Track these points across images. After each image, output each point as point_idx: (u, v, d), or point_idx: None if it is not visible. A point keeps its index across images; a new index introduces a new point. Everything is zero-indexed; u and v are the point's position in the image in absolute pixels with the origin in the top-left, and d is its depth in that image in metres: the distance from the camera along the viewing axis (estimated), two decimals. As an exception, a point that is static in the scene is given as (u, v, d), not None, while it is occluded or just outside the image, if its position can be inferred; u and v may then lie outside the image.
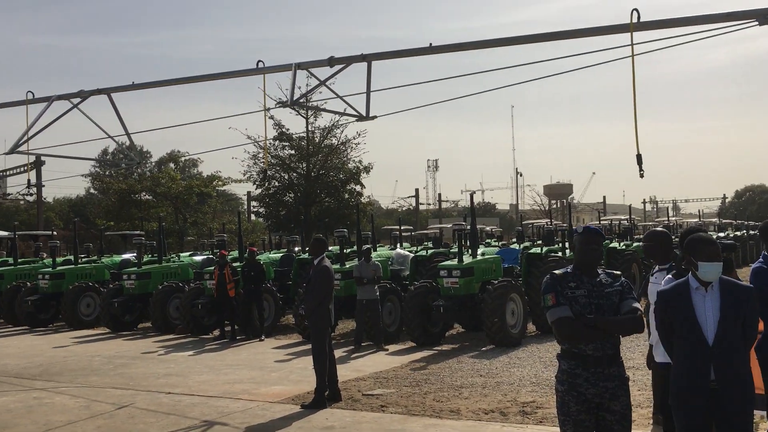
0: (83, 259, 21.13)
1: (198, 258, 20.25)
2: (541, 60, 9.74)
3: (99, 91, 11.64)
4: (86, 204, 61.15)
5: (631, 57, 7.71)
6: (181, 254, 21.84)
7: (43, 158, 37.98)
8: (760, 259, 5.39)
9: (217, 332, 15.66)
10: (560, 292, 4.25)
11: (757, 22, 7.95)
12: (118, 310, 16.95)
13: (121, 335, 16.52)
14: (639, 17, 7.76)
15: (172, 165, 49.42)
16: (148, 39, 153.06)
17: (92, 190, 67.13)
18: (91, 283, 18.58)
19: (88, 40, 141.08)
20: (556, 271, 4.39)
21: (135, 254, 19.79)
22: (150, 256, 20.44)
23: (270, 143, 33.59)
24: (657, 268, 5.61)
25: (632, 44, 7.72)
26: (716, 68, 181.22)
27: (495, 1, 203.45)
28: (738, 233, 34.72)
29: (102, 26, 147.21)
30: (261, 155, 33.14)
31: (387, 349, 13.02)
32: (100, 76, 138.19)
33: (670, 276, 4.88)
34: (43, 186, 43.62)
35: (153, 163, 58.65)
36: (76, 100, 11.71)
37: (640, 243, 21.77)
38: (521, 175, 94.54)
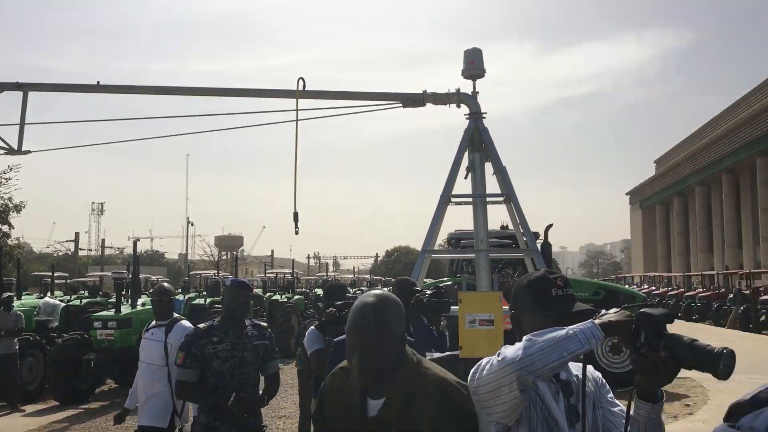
0: None
1: None
2: (219, 113, 9.97)
3: None
4: None
5: (296, 121, 8.33)
6: None
7: None
8: None
9: None
10: (192, 353, 4.30)
11: (401, 104, 9.23)
12: None
13: None
14: (305, 86, 8.46)
15: None
16: None
17: None
18: None
19: None
20: (201, 325, 4.46)
21: None
22: None
23: None
24: (154, 323, 5.58)
25: (297, 109, 8.36)
26: (378, 140, 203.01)
27: (179, 48, 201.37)
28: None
29: None
30: None
31: (24, 410, 11.62)
32: None
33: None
34: None
35: None
36: None
37: (301, 296, 23.17)
38: (192, 225, 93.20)
